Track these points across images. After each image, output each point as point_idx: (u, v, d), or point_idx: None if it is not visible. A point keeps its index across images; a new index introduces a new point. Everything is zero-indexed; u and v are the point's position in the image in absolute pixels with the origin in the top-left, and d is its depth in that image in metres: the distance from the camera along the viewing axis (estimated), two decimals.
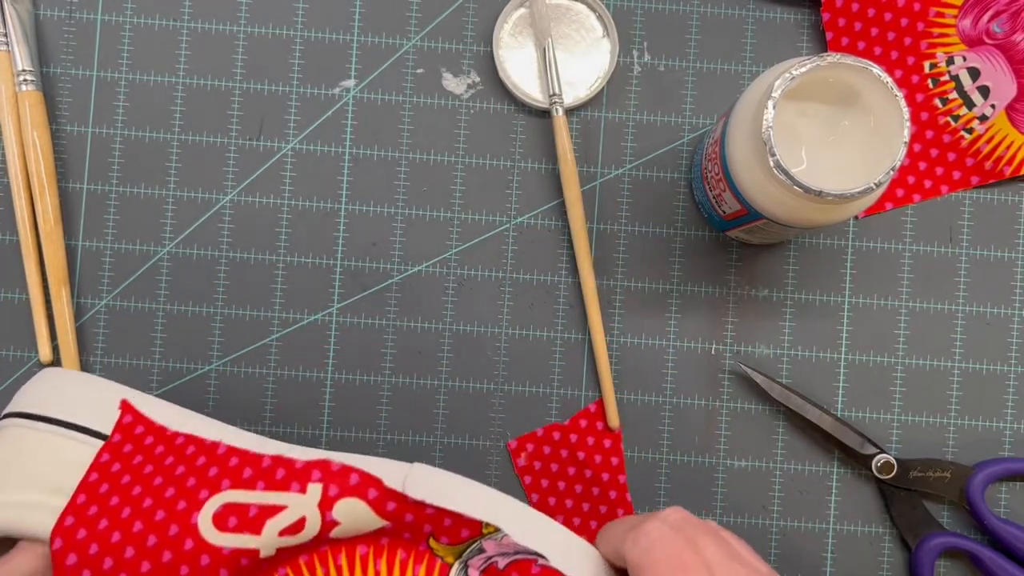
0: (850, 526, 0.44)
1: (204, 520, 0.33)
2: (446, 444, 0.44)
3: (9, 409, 0.38)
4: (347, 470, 0.34)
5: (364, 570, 0.34)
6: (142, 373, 0.44)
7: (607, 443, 0.44)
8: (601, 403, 0.44)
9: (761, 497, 0.44)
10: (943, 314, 0.45)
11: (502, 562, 0.33)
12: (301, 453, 0.35)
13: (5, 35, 0.43)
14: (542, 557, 0.33)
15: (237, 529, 0.33)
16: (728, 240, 0.45)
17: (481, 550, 0.34)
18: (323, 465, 0.34)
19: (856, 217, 0.45)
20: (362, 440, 0.44)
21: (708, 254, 0.45)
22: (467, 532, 0.34)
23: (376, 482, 0.34)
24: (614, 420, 0.44)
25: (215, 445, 0.36)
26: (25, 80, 0.43)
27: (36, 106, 0.43)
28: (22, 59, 0.43)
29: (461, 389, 0.44)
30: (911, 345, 0.44)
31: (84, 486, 0.35)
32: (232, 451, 0.36)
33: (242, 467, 0.35)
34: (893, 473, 0.43)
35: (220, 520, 0.33)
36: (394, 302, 0.44)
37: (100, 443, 0.36)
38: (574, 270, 0.44)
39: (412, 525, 0.34)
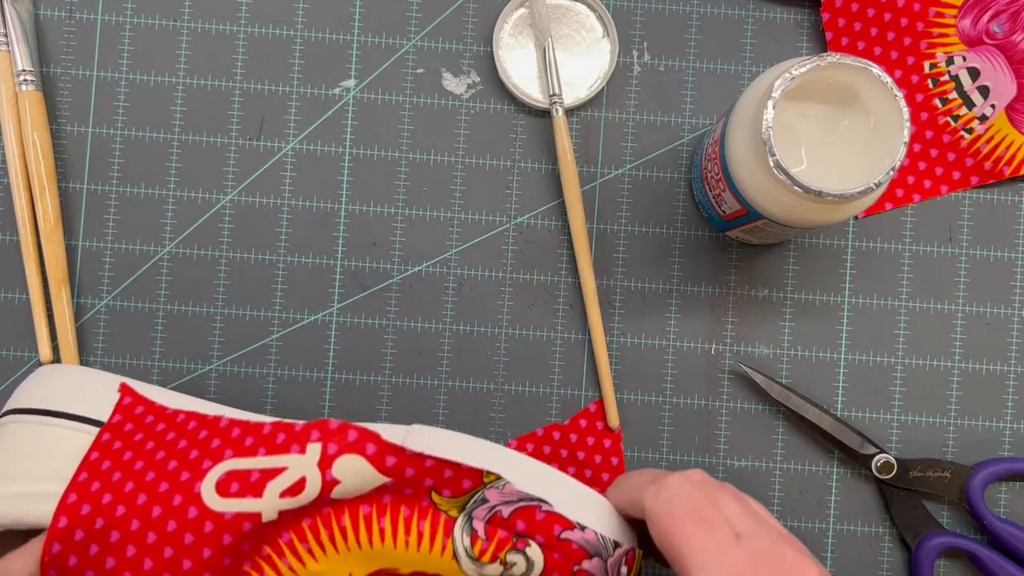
0: (850, 526, 0.44)
1: (207, 488, 0.33)
2: None
3: (6, 408, 0.38)
4: (345, 427, 0.34)
5: (368, 530, 0.34)
6: (142, 373, 0.44)
7: (607, 443, 0.44)
8: (601, 403, 0.44)
9: (761, 497, 0.44)
10: (943, 314, 0.45)
11: (506, 510, 0.33)
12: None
13: (5, 35, 0.43)
14: (546, 503, 0.33)
15: (239, 494, 0.33)
16: (728, 240, 0.45)
17: (484, 500, 0.33)
18: (321, 425, 0.34)
19: (856, 217, 0.45)
20: None
21: (708, 254, 0.45)
22: (469, 483, 0.34)
23: (374, 436, 0.33)
24: (614, 420, 0.44)
25: (217, 419, 0.36)
26: (25, 80, 0.43)
27: (36, 106, 0.43)
28: (22, 59, 0.43)
29: (461, 389, 0.44)
30: (911, 345, 0.44)
31: (86, 464, 0.35)
32: (234, 423, 0.36)
33: (244, 436, 0.35)
34: (893, 473, 0.43)
35: (223, 487, 0.33)
36: (394, 302, 0.44)
37: (96, 430, 0.36)
38: (574, 270, 0.44)
39: (413, 480, 0.34)
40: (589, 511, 0.34)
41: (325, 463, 0.33)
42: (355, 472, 0.33)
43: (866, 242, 0.45)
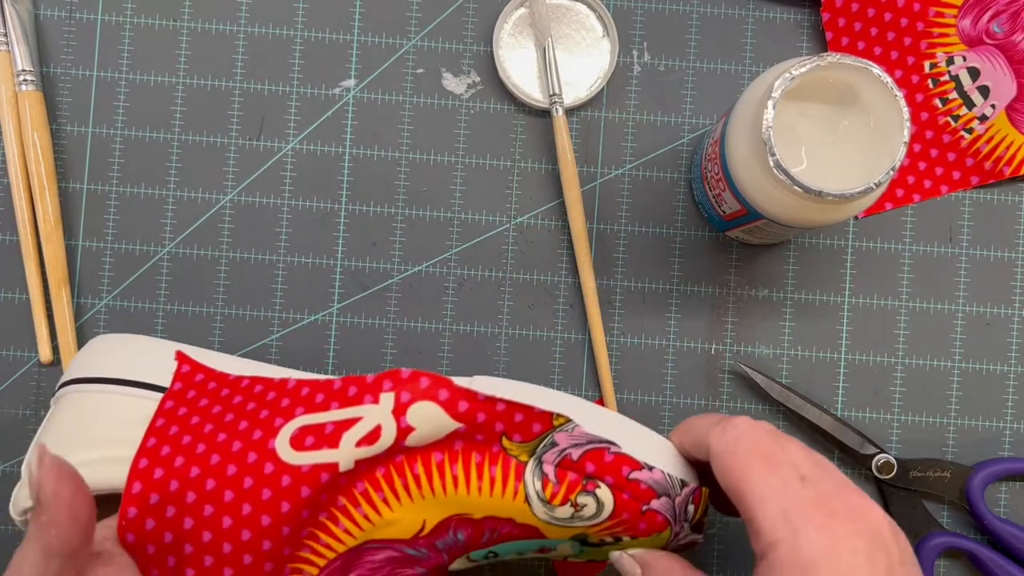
0: None
1: (282, 443, 0.33)
2: None
3: (63, 379, 0.38)
4: (417, 375, 0.34)
5: (442, 476, 0.34)
6: None
7: None
8: (601, 403, 0.44)
9: None
10: (943, 314, 0.45)
11: (576, 453, 0.33)
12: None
13: (5, 35, 0.43)
14: (614, 445, 0.34)
15: (315, 447, 0.33)
16: (728, 240, 0.45)
17: (554, 443, 0.34)
18: (393, 375, 0.34)
19: (856, 217, 0.45)
20: None
21: (708, 254, 0.45)
22: (539, 427, 0.34)
23: (446, 382, 0.34)
24: None
25: (284, 381, 0.36)
26: (25, 80, 0.43)
27: (36, 106, 0.43)
28: (22, 59, 0.43)
29: None
30: (911, 345, 0.44)
31: (152, 431, 0.35)
32: (302, 383, 0.36)
33: (314, 394, 0.35)
34: (893, 473, 0.43)
35: (297, 441, 0.33)
36: (394, 302, 0.44)
37: (158, 395, 0.36)
38: (574, 270, 0.44)
39: (484, 425, 0.34)
40: (656, 452, 0.35)
41: (399, 411, 0.33)
42: (429, 419, 0.33)
43: (866, 242, 0.45)
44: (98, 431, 0.35)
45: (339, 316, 0.44)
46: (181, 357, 0.38)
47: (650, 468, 0.34)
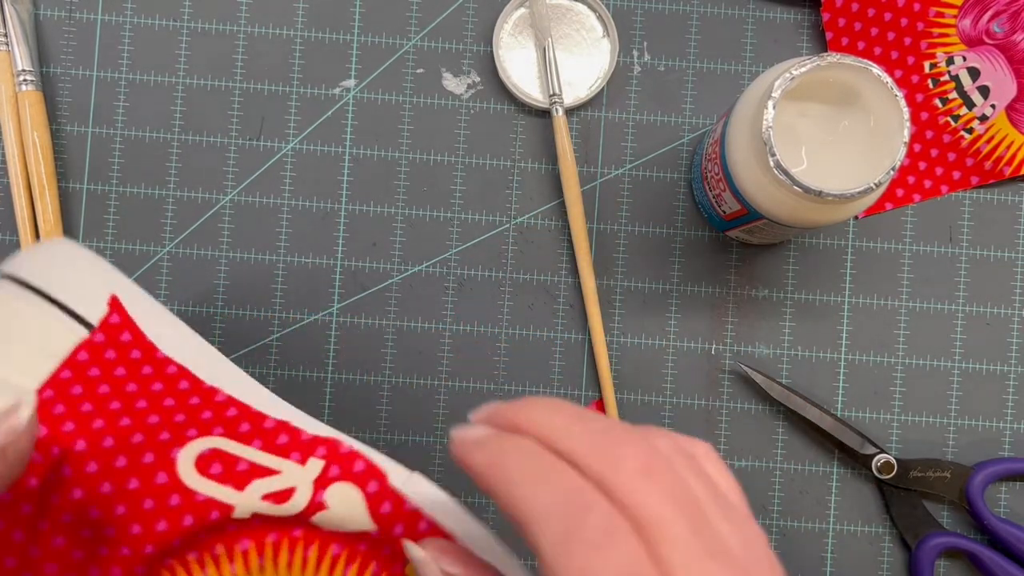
0: (850, 526, 0.44)
1: (185, 458, 0.30)
2: (446, 444, 0.44)
3: (7, 270, 0.32)
4: (354, 455, 0.31)
5: (332, 571, 0.31)
6: None
7: None
8: (601, 403, 0.44)
9: (761, 497, 0.44)
10: (943, 314, 0.45)
11: None
12: (309, 425, 0.32)
13: (5, 35, 0.43)
14: None
15: (220, 479, 0.30)
16: (728, 240, 0.45)
17: None
18: (331, 444, 0.31)
19: (856, 217, 0.45)
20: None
21: (708, 254, 0.45)
22: None
23: (381, 476, 0.31)
24: None
25: (213, 391, 0.32)
26: (25, 80, 0.43)
27: (36, 106, 0.43)
28: (22, 59, 0.43)
29: (461, 389, 0.44)
30: (911, 345, 0.44)
31: (54, 382, 0.30)
32: (232, 401, 0.32)
33: (240, 420, 0.32)
34: (893, 473, 0.43)
35: (203, 463, 0.30)
36: (394, 302, 0.44)
37: (85, 332, 0.31)
38: (574, 270, 0.44)
39: (396, 541, 0.31)
40: None
41: (321, 483, 0.30)
42: (347, 505, 0.30)
43: (866, 242, 0.45)
44: (13, 351, 0.30)
45: (339, 316, 0.44)
46: (115, 305, 0.31)
47: None
